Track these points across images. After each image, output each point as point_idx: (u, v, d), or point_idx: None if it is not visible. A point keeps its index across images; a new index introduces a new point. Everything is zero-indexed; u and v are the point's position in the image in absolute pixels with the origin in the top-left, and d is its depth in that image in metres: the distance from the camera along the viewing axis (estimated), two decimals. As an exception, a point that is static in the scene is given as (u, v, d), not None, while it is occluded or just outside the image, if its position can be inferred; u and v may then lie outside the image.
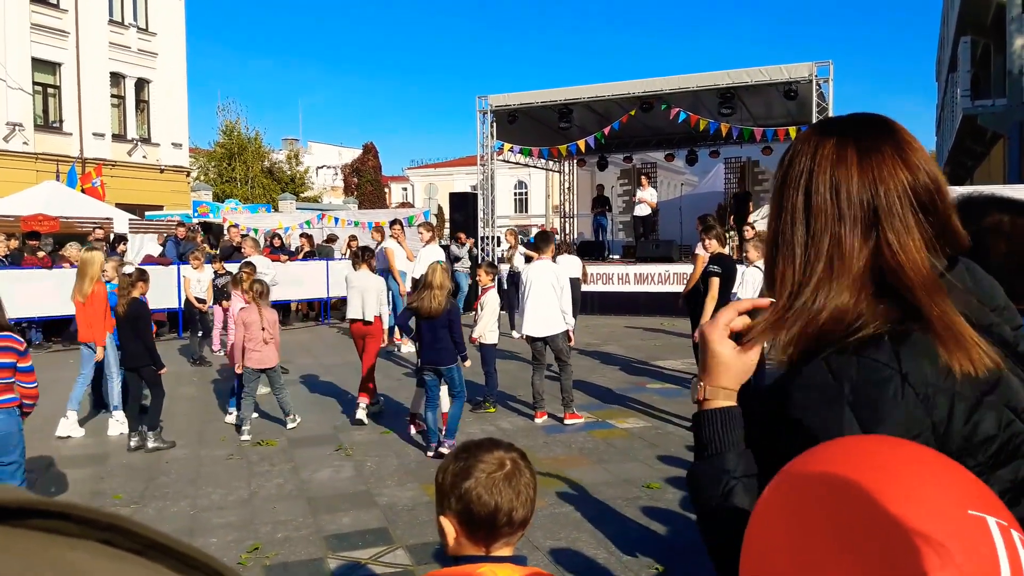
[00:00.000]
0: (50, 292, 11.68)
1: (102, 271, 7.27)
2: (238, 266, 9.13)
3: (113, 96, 27.19)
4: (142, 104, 28.53)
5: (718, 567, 1.04)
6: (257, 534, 4.84)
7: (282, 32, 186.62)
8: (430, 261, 10.83)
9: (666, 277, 16.00)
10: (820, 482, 0.74)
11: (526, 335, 7.61)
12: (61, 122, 25.51)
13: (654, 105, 17.14)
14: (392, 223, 12.56)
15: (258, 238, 13.68)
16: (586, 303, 14.89)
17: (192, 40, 71.91)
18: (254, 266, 8.80)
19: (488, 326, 8.08)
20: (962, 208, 1.58)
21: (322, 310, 16.56)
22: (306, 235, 17.65)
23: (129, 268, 8.56)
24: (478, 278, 8.44)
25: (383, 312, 8.02)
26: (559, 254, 11.44)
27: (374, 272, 8.25)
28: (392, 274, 11.58)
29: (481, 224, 18.96)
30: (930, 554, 0.65)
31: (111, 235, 15.45)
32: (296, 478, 5.97)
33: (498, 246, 18.99)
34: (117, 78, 27.26)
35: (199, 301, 11.66)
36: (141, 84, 28.32)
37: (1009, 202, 1.63)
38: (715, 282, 7.05)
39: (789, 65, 15.58)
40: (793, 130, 16.97)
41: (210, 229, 20.20)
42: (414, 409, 7.16)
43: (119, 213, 17.92)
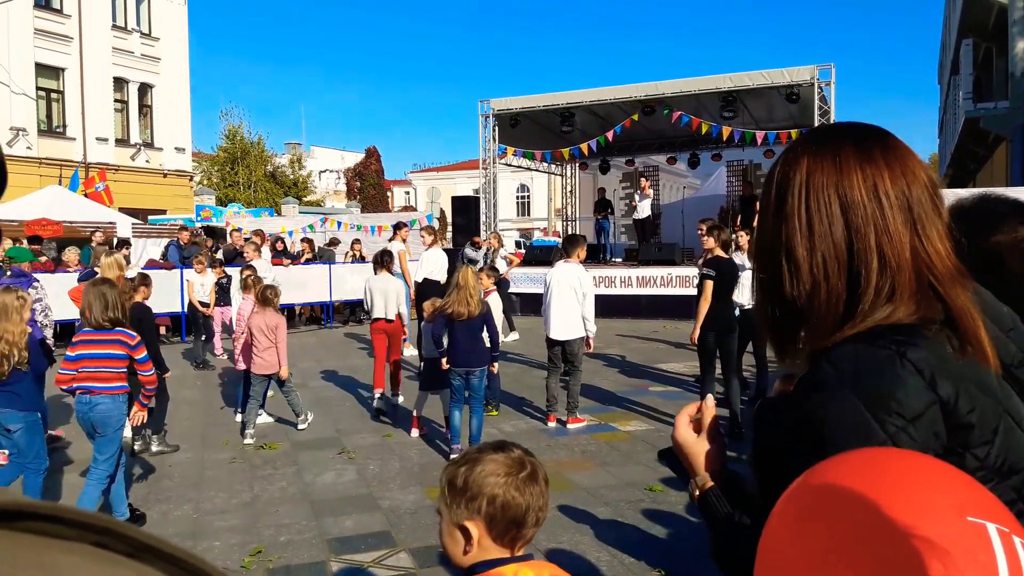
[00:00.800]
0: (52, 296, 11.67)
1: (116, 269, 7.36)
2: (239, 270, 9.21)
3: (116, 101, 27.29)
4: (145, 109, 28.63)
5: None
6: (260, 537, 4.85)
7: (285, 37, 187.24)
8: (432, 264, 10.99)
9: (668, 280, 15.98)
10: (824, 495, 0.76)
11: (547, 337, 7.59)
12: (64, 127, 25.61)
13: (656, 109, 17.16)
14: (398, 227, 12.59)
15: (257, 241, 13.72)
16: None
17: (195, 45, 72.08)
18: (255, 269, 8.88)
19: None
20: (978, 214, 1.50)
21: (325, 314, 16.59)
22: (307, 240, 17.66)
23: (132, 272, 8.58)
24: (480, 281, 8.46)
25: (403, 311, 8.55)
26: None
27: (393, 275, 8.74)
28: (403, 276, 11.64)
29: (483, 227, 18.98)
30: (930, 562, 0.66)
31: (114, 239, 15.48)
32: (299, 481, 5.98)
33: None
34: (120, 83, 27.36)
35: (202, 305, 11.71)
36: (144, 89, 28.43)
37: None
38: (708, 285, 7.11)
39: (791, 68, 15.60)
40: (795, 133, 17.00)
41: (213, 233, 20.24)
42: (418, 412, 7.18)
43: (122, 217, 17.96)
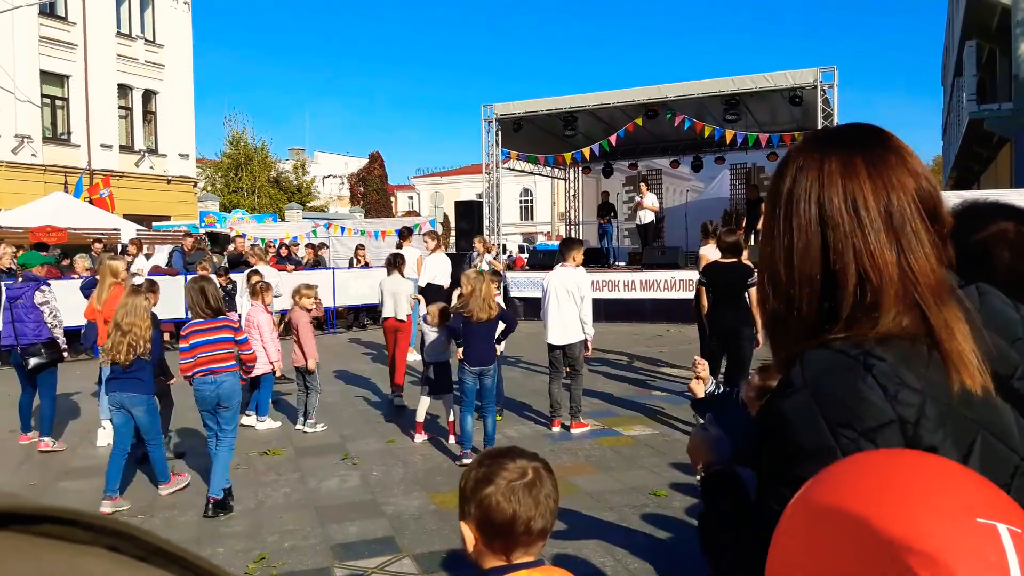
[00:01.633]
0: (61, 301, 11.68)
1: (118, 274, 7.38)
2: (245, 275, 9.36)
3: (121, 108, 27.39)
4: (149, 115, 28.73)
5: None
6: (264, 543, 4.85)
7: (288, 43, 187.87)
8: (435, 269, 10.99)
9: (671, 284, 15.95)
10: (829, 501, 0.75)
11: (547, 343, 7.60)
12: (69, 134, 25.70)
13: (659, 112, 17.14)
14: (405, 233, 12.63)
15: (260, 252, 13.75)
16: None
17: (199, 51, 72.40)
18: (262, 274, 9.07)
19: (494, 334, 8.10)
20: (966, 216, 1.57)
21: (328, 319, 16.59)
22: (311, 246, 17.71)
23: (139, 279, 8.60)
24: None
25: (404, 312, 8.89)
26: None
27: (405, 278, 9.13)
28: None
29: (487, 232, 18.99)
30: (930, 569, 0.65)
31: (119, 246, 15.53)
32: (303, 487, 5.98)
33: (504, 254, 19.03)
34: (125, 90, 27.47)
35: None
36: (148, 95, 28.52)
37: (1014, 210, 1.60)
38: (700, 291, 7.45)
39: (794, 71, 15.58)
40: (799, 135, 16.96)
41: (216, 239, 20.28)
42: (420, 417, 7.18)
43: (126, 224, 18.02)
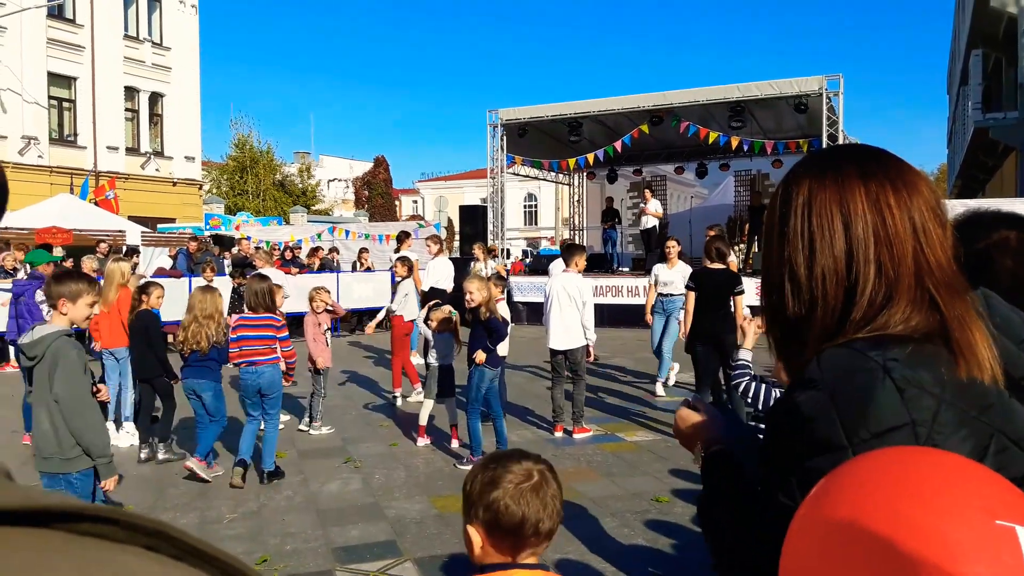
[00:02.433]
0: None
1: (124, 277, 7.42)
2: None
3: (127, 110, 27.51)
4: (156, 118, 28.85)
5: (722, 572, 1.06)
6: (266, 546, 4.85)
7: (295, 47, 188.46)
8: (438, 273, 11.00)
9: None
10: (843, 500, 0.74)
11: (549, 347, 7.60)
12: (76, 135, 25.81)
13: (664, 119, 17.15)
14: (403, 235, 12.61)
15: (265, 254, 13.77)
16: (595, 315, 14.85)
17: (206, 55, 72.63)
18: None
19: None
20: (969, 224, 1.59)
21: (332, 323, 16.58)
22: (319, 249, 17.74)
23: (142, 281, 8.62)
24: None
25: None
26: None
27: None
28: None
29: (491, 237, 19.00)
30: (948, 571, 0.64)
31: (124, 247, 15.57)
32: (305, 490, 5.97)
33: (502, 258, 19.01)
34: (131, 92, 27.58)
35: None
36: (155, 98, 28.64)
37: (1016, 218, 1.62)
38: (689, 296, 7.57)
39: (799, 79, 15.57)
40: (804, 143, 16.97)
41: (221, 242, 20.32)
42: (423, 421, 7.17)
43: (132, 226, 18.08)
